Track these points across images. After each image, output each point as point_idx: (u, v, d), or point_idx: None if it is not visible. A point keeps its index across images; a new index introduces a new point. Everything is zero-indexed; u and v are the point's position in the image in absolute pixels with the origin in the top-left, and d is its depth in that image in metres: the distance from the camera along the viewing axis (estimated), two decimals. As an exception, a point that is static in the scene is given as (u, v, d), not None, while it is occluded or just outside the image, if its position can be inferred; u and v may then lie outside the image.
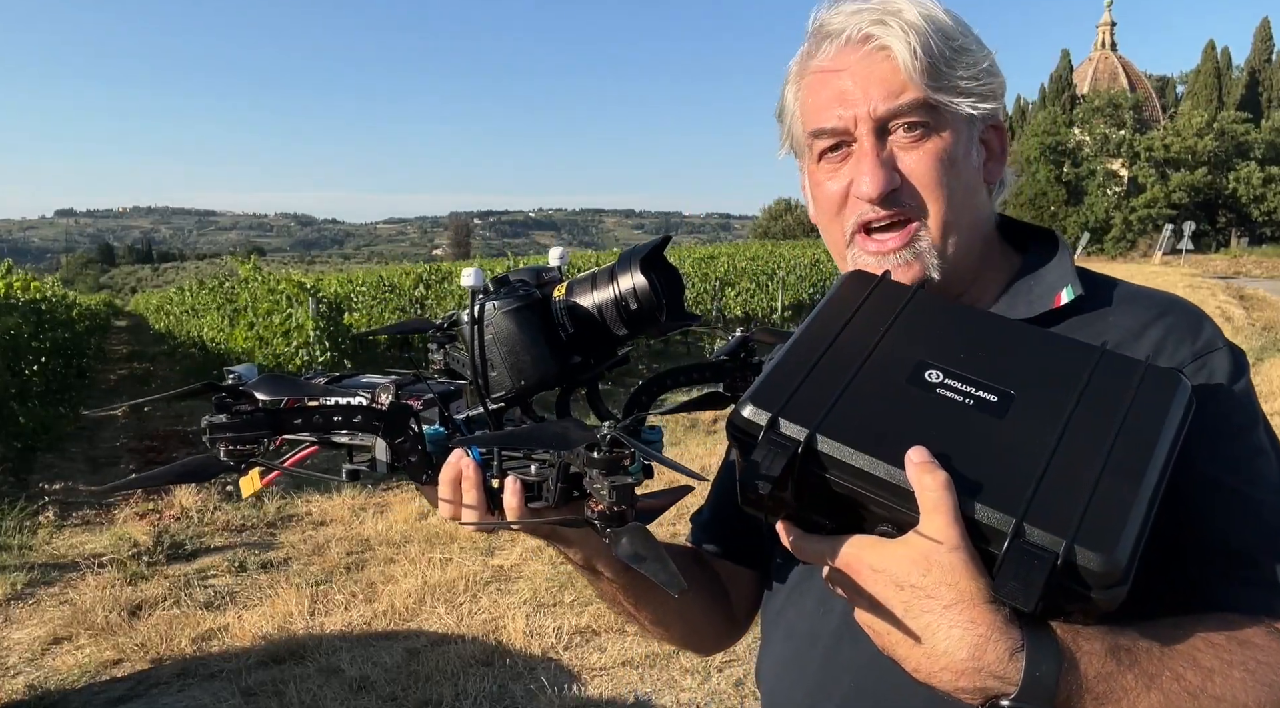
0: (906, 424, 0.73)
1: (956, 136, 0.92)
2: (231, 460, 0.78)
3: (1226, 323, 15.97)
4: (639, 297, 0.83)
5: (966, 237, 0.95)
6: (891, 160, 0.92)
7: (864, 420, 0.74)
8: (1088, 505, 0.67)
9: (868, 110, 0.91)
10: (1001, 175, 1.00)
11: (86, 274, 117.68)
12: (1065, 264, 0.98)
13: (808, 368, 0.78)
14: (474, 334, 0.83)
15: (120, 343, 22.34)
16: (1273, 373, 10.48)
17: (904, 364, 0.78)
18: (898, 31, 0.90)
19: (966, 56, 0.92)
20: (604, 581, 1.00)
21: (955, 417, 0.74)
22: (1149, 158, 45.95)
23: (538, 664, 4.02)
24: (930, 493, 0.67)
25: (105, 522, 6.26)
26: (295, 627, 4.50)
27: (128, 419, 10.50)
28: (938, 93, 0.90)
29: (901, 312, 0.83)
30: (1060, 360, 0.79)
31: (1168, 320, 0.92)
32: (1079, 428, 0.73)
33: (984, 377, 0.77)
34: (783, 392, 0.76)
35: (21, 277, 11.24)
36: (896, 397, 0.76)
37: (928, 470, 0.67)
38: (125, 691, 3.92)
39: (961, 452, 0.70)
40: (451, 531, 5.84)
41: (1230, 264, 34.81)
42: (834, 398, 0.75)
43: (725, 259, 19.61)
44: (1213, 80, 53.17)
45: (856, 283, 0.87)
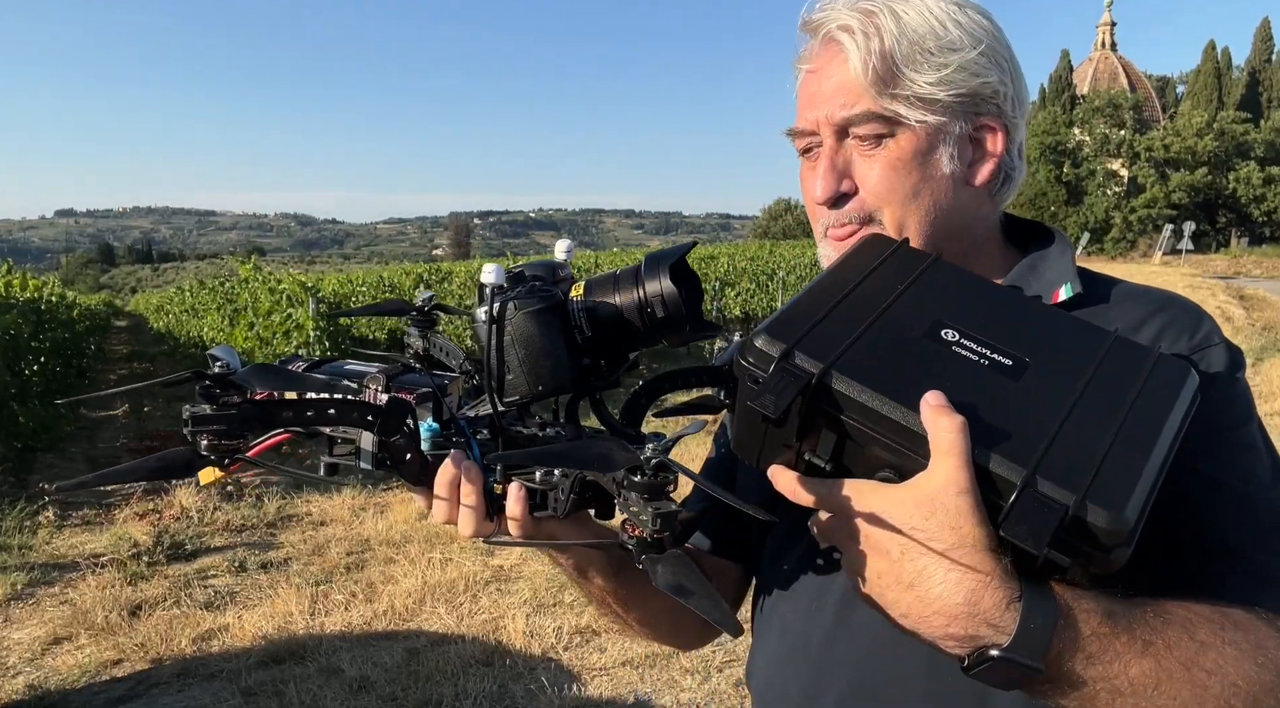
0: (922, 372, 0.73)
1: (918, 143, 0.90)
2: (213, 455, 0.72)
3: (1226, 323, 15.97)
4: (667, 304, 0.79)
5: (930, 241, 0.93)
6: (847, 166, 0.93)
7: (880, 363, 0.73)
8: (1099, 467, 0.67)
9: (827, 115, 0.92)
10: (1000, 172, 0.97)
11: (86, 274, 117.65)
12: (1065, 261, 0.97)
13: (825, 310, 0.77)
14: (492, 334, 0.79)
15: (120, 343, 22.34)
16: (1273, 373, 10.48)
17: (921, 320, 0.78)
18: (858, 38, 0.89)
19: (938, 58, 0.89)
20: (593, 585, 0.99)
21: (971, 372, 0.74)
22: (1149, 158, 45.95)
23: (538, 664, 4.02)
24: (945, 435, 0.65)
25: (105, 522, 6.26)
26: (295, 627, 4.50)
27: (128, 419, 10.51)
28: (890, 103, 0.89)
29: (920, 274, 0.82)
30: (1075, 338, 0.79)
31: (1166, 315, 0.92)
32: (1092, 398, 0.73)
33: (1000, 342, 0.77)
34: (799, 327, 0.75)
35: (20, 275, 11.25)
36: (913, 347, 0.75)
37: (944, 413, 0.66)
38: (125, 691, 3.92)
39: (976, 404, 0.69)
40: (451, 531, 5.83)
41: (1230, 264, 34.81)
42: (850, 339, 0.74)
43: (725, 259, 19.59)
44: (1213, 80, 53.16)
45: (875, 244, 0.87)
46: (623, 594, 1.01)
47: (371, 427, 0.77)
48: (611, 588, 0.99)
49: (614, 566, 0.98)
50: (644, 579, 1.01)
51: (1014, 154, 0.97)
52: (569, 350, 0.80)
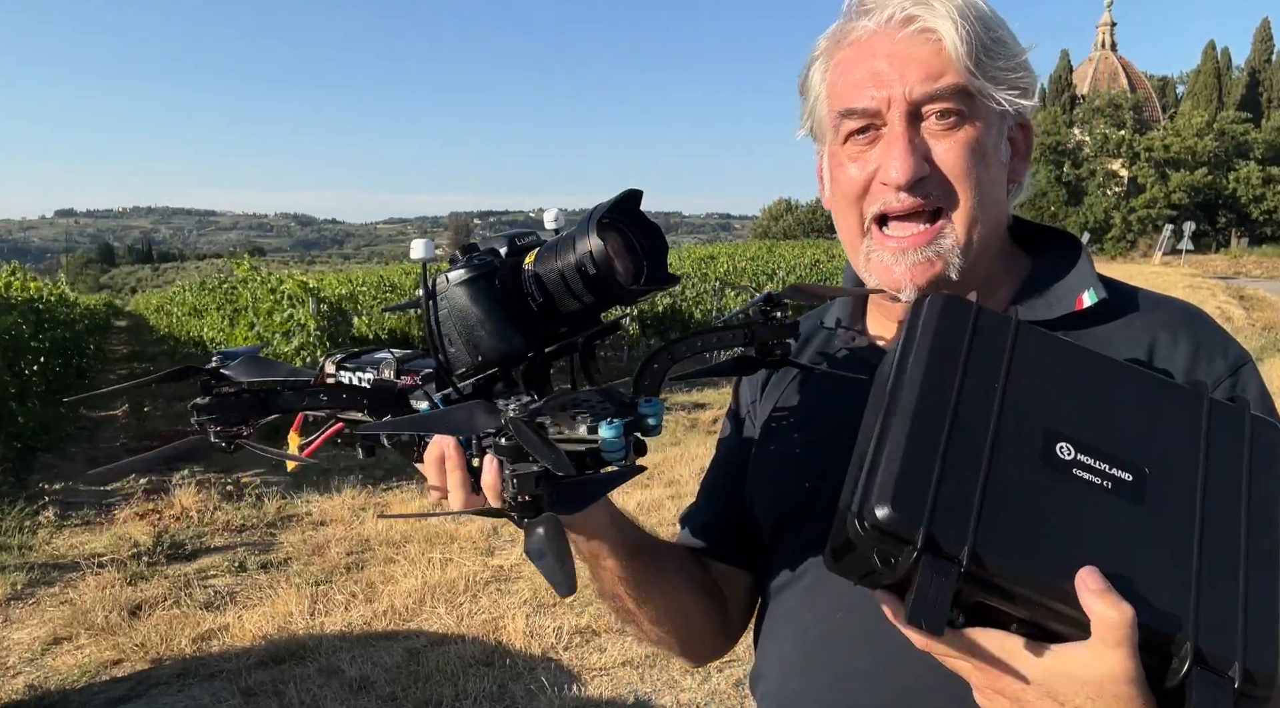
0: (1060, 525, 0.67)
1: (988, 129, 0.89)
2: (221, 441, 0.79)
3: (1226, 323, 15.95)
4: (595, 261, 0.74)
5: (989, 235, 0.92)
6: (924, 147, 0.88)
7: (1018, 525, 0.66)
8: (1245, 614, 0.66)
9: (903, 92, 0.87)
10: (1024, 176, 0.97)
11: (86, 274, 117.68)
12: (1085, 267, 0.96)
13: (939, 451, 0.68)
14: (428, 309, 0.78)
15: (120, 343, 22.35)
16: (1273, 373, 10.48)
17: (1032, 435, 0.70)
18: (943, 14, 0.86)
19: (1005, 48, 0.89)
20: (605, 570, 0.97)
21: (1100, 508, 0.68)
22: (1149, 158, 45.96)
23: (538, 664, 4.01)
24: (1114, 631, 0.62)
25: (105, 522, 6.26)
26: (295, 627, 4.50)
27: (128, 419, 10.51)
28: (978, 80, 0.87)
29: (1012, 357, 0.74)
30: (1172, 409, 0.74)
31: (1195, 332, 0.92)
32: (1214, 508, 0.70)
33: (1112, 447, 0.71)
34: (923, 490, 0.66)
35: (20, 275, 11.25)
36: (1038, 484, 0.69)
37: (1111, 604, 0.62)
38: (125, 691, 3.92)
39: (1116, 556, 0.66)
40: (451, 530, 5.84)
41: (1230, 264, 34.81)
42: (978, 496, 0.66)
43: (725, 259, 19.62)
44: (1213, 80, 53.18)
45: (953, 316, 0.75)
46: (634, 585, 0.99)
47: (363, 409, 0.79)
48: (624, 574, 0.97)
49: (627, 550, 0.96)
50: (658, 565, 0.99)
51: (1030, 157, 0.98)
52: (515, 319, 0.78)
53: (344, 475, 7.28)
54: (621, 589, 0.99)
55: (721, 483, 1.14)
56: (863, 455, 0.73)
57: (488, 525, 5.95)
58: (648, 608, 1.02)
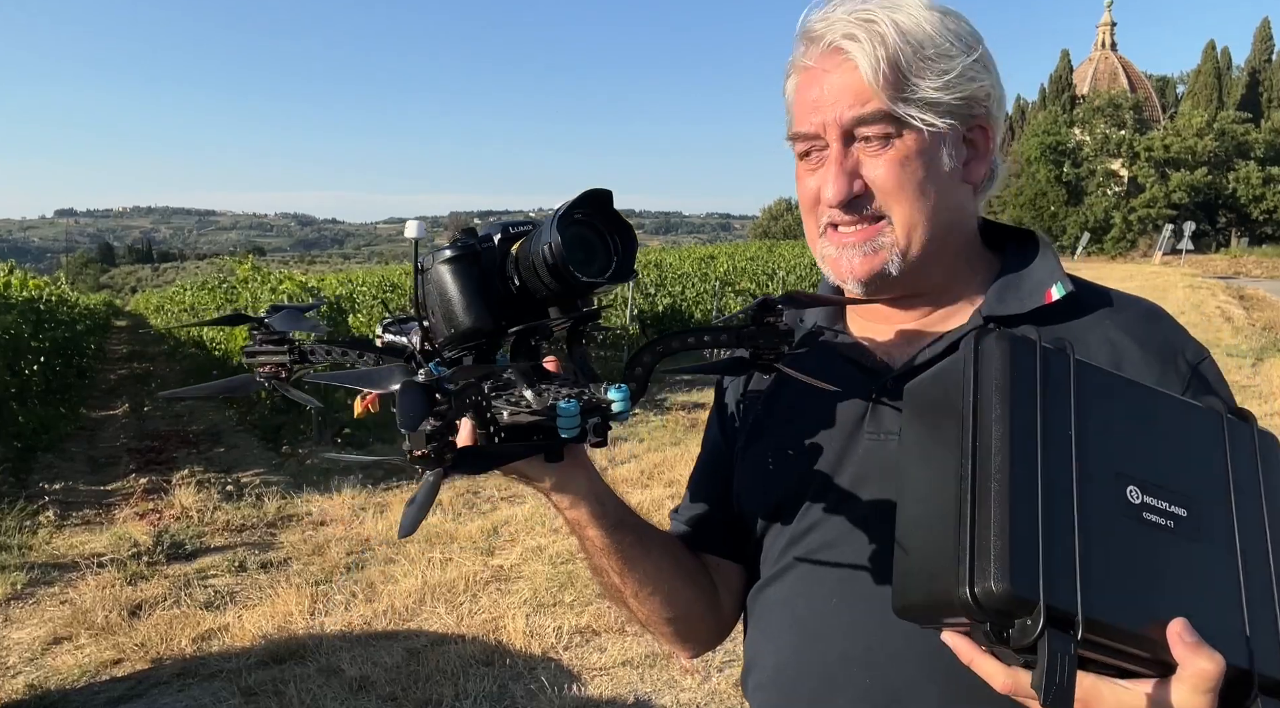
0: (1144, 574, 0.70)
1: (923, 143, 0.95)
2: (265, 380, 0.94)
3: (1226, 323, 15.96)
4: (554, 252, 0.79)
5: (934, 238, 0.97)
6: (856, 167, 0.96)
7: (1113, 581, 0.69)
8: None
9: (835, 118, 0.95)
10: (988, 171, 1.01)
11: (86, 274, 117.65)
12: (1051, 262, 1.01)
13: (1038, 515, 0.68)
14: (416, 282, 0.86)
15: (120, 343, 22.35)
16: (1273, 373, 10.48)
17: (1106, 481, 0.72)
18: (865, 45, 0.93)
19: (939, 64, 0.94)
20: (590, 543, 1.01)
21: (1170, 550, 0.72)
22: (1149, 158, 45.95)
23: (538, 664, 4.01)
24: (1207, 681, 0.67)
25: (105, 522, 6.26)
26: (295, 627, 4.50)
27: (128, 419, 10.51)
28: (899, 104, 0.93)
29: (1078, 399, 0.74)
30: (1202, 437, 0.78)
31: (1163, 330, 0.99)
32: (1247, 533, 0.74)
33: (1169, 483, 0.74)
34: (1033, 558, 0.66)
35: (20, 275, 11.24)
36: (1120, 534, 0.71)
37: (1205, 656, 0.67)
38: (125, 690, 3.92)
39: (1191, 599, 0.70)
40: (451, 530, 5.84)
41: (1230, 264, 34.81)
42: (1080, 555, 0.68)
43: (725, 259, 19.62)
44: (1213, 80, 53.17)
45: (1022, 356, 0.75)
46: (619, 554, 1.02)
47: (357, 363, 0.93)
48: (607, 545, 1.01)
49: (609, 521, 0.99)
50: (642, 543, 1.04)
51: (997, 152, 1.02)
52: (486, 298, 0.85)
53: (344, 475, 7.28)
54: (605, 561, 1.03)
55: (709, 478, 1.17)
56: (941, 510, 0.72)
57: (488, 525, 5.96)
58: (632, 582, 1.05)
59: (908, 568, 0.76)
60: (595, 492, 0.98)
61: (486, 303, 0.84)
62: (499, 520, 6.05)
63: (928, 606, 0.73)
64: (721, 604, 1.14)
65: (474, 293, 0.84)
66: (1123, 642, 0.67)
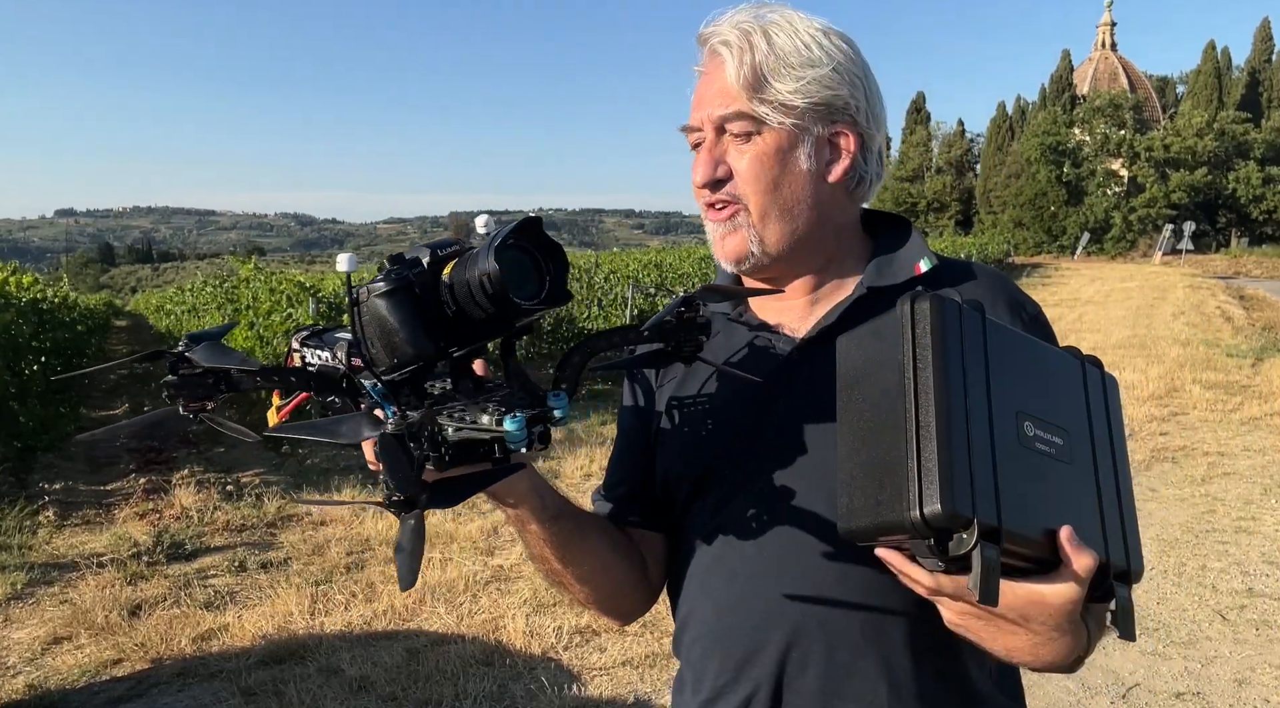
0: (1038, 493, 0.85)
1: (780, 142, 1.08)
2: (189, 413, 0.89)
3: (1226, 323, 15.96)
4: (491, 280, 0.83)
5: (789, 226, 1.10)
6: (722, 156, 1.10)
7: (1020, 499, 0.83)
8: (1125, 534, 0.90)
9: (708, 114, 1.10)
10: (854, 172, 1.12)
11: (86, 274, 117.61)
12: (918, 241, 1.16)
13: (967, 444, 0.82)
14: (353, 315, 0.88)
15: (120, 343, 22.35)
16: (1273, 373, 10.48)
17: (1009, 418, 0.86)
18: (734, 51, 1.07)
19: (797, 72, 1.06)
20: (531, 535, 1.10)
21: (1052, 472, 0.87)
22: (1149, 158, 45.93)
23: (538, 664, 4.02)
24: (1086, 572, 0.83)
25: (105, 522, 6.26)
26: (295, 627, 4.50)
27: (128, 419, 10.50)
28: (756, 104, 1.06)
29: (987, 350, 0.88)
30: (1065, 374, 0.94)
31: (1008, 286, 1.15)
32: (1100, 453, 0.92)
33: (1050, 417, 0.89)
34: (964, 483, 0.80)
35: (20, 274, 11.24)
36: (1023, 462, 0.85)
37: (1083, 554, 0.83)
38: (125, 690, 3.92)
39: (1068, 509, 0.86)
40: (451, 530, 5.84)
41: (1230, 264, 34.81)
42: (995, 478, 0.82)
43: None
44: (1213, 80, 53.13)
45: (949, 316, 0.87)
46: (558, 546, 1.11)
47: (310, 390, 0.92)
48: (547, 537, 1.09)
49: (549, 515, 1.08)
50: (579, 529, 1.13)
51: (869, 160, 1.13)
52: (426, 324, 0.86)
53: (344, 476, 7.28)
54: (547, 551, 1.12)
55: (629, 456, 1.27)
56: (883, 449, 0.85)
57: (487, 525, 5.96)
58: (573, 568, 1.14)
59: (853, 497, 0.87)
60: (536, 489, 1.06)
61: (426, 329, 0.86)
62: (499, 520, 6.06)
63: (874, 529, 0.85)
64: (649, 573, 1.24)
65: (413, 321, 0.85)
66: (1026, 547, 0.82)
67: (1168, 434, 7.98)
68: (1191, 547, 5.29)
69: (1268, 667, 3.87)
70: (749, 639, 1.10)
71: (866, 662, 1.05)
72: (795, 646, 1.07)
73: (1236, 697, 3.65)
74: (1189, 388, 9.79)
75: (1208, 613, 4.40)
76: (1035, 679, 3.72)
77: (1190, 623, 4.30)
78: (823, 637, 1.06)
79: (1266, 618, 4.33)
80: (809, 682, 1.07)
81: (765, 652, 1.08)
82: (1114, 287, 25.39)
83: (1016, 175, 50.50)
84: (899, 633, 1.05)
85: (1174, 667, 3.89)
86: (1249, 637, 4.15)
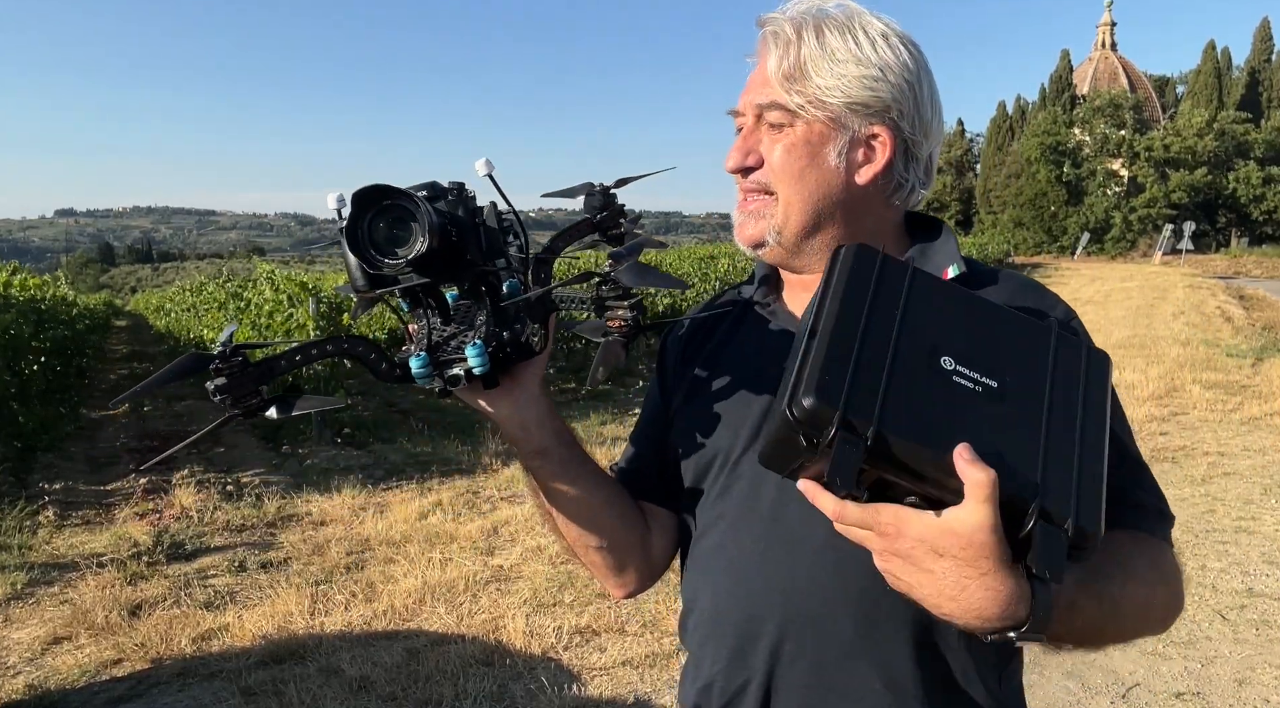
0: (942, 414, 0.84)
1: (811, 135, 1.08)
2: (241, 412, 0.89)
3: (1226, 323, 15.96)
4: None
5: (810, 219, 1.10)
6: (755, 144, 1.11)
7: (911, 411, 0.83)
8: (1077, 486, 0.84)
9: (750, 100, 1.11)
10: (890, 178, 1.11)
11: (86, 274, 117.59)
12: (951, 246, 1.16)
13: (853, 356, 0.85)
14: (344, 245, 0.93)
15: (120, 343, 22.35)
16: (1273, 373, 10.48)
17: (923, 347, 0.88)
18: (780, 41, 1.08)
19: (839, 68, 1.06)
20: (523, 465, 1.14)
21: (973, 404, 0.86)
22: (1149, 158, 45.94)
23: (538, 664, 4.01)
24: (981, 489, 0.79)
25: (105, 522, 6.26)
26: (295, 627, 4.50)
27: (128, 419, 10.51)
28: (794, 96, 1.07)
29: (909, 291, 0.91)
30: (1029, 339, 0.93)
31: (1032, 295, 1.13)
32: (1057, 410, 0.88)
33: (983, 362, 0.89)
34: (840, 385, 0.82)
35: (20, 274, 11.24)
36: (926, 384, 0.86)
37: (978, 467, 0.79)
38: (125, 690, 3.91)
39: (985, 440, 0.83)
40: (451, 530, 5.84)
41: (1230, 264, 34.81)
42: (883, 389, 0.83)
43: (725, 259, 19.57)
44: (1213, 80, 53.12)
45: (866, 257, 0.93)
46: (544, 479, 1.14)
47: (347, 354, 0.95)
48: (530, 467, 1.13)
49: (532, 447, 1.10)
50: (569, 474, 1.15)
51: (910, 169, 1.12)
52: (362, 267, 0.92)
53: (344, 475, 7.28)
54: (534, 483, 1.15)
55: (648, 432, 1.29)
56: (790, 371, 0.88)
57: (487, 525, 5.96)
58: (560, 511, 1.17)
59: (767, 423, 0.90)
60: (522, 420, 1.08)
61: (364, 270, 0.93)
62: (499, 520, 6.06)
63: (770, 445, 0.87)
64: (650, 545, 1.25)
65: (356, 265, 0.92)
66: (913, 460, 0.81)
67: (1168, 434, 7.98)
68: (1191, 547, 5.28)
69: (1268, 667, 3.87)
70: (743, 629, 1.10)
71: (861, 657, 1.05)
72: (789, 638, 1.07)
73: (1236, 697, 3.65)
74: (1189, 388, 9.78)
75: (1208, 613, 4.40)
76: (1035, 679, 3.72)
77: (1190, 623, 4.29)
78: (817, 630, 1.06)
79: (1266, 618, 4.33)
80: (802, 675, 1.07)
81: (759, 642, 1.09)
82: (1114, 287, 25.39)
83: (1016, 175, 50.50)
84: (897, 630, 1.04)
85: (1174, 667, 3.89)
86: (1249, 637, 4.15)
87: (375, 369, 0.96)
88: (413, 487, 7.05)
